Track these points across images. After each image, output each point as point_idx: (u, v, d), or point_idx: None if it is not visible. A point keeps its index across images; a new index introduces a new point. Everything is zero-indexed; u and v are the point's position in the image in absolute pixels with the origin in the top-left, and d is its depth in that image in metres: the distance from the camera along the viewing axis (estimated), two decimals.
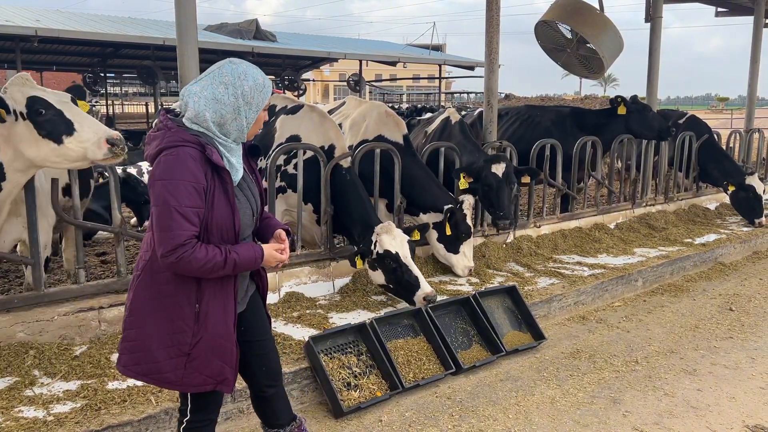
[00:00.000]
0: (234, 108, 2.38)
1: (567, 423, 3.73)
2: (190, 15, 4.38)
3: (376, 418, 3.77)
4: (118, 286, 4.31)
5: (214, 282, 2.40)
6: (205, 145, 2.35)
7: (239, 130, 2.42)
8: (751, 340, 5.06)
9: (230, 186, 2.39)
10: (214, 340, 2.42)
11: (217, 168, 2.35)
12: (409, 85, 59.15)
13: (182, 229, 2.26)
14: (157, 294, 2.40)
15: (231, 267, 2.34)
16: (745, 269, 7.16)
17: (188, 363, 2.41)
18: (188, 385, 2.46)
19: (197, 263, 2.27)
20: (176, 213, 2.25)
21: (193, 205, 2.28)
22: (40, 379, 3.58)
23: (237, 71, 2.40)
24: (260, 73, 2.45)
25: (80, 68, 25.47)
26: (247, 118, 2.42)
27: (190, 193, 2.27)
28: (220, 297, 2.42)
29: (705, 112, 34.12)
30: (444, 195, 5.66)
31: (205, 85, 2.39)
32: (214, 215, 2.35)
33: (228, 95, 2.37)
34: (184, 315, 2.39)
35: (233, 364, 2.50)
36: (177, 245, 2.25)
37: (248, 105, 2.40)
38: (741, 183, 8.27)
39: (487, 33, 6.53)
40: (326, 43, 25.36)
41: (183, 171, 2.27)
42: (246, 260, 2.39)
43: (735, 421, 3.78)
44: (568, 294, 5.57)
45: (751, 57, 11.19)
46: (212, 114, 2.36)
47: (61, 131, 3.31)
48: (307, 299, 4.96)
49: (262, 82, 2.43)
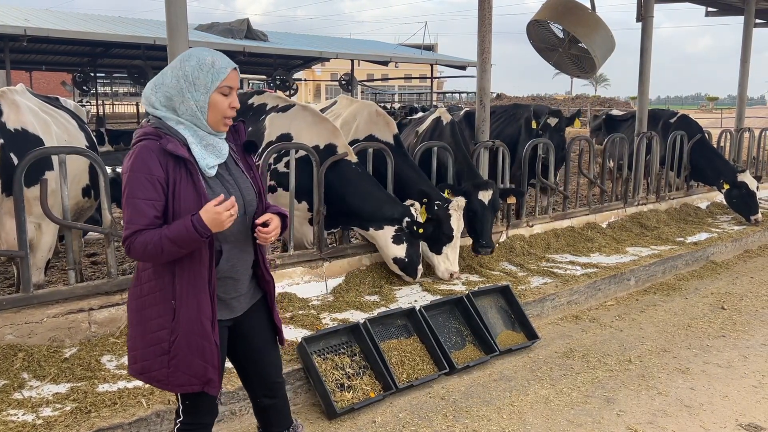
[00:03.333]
0: (178, 90, 2.33)
1: (561, 422, 3.73)
2: (181, 14, 4.34)
3: (369, 419, 3.75)
4: (109, 287, 4.26)
5: (187, 277, 2.35)
6: (163, 135, 2.32)
7: (191, 114, 2.34)
8: (743, 338, 5.08)
9: (197, 175, 2.32)
10: (190, 337, 2.37)
11: (182, 159, 2.30)
12: (400, 84, 59.17)
13: (132, 222, 2.26)
14: (141, 292, 2.43)
15: (167, 243, 2.24)
16: (737, 268, 7.19)
17: (170, 361, 2.39)
18: (174, 384, 2.43)
19: (140, 248, 2.26)
20: (131, 206, 2.27)
21: (146, 197, 2.26)
22: (29, 381, 3.54)
23: (183, 55, 2.37)
24: (211, 54, 2.36)
25: (70, 68, 25.32)
26: (196, 101, 2.33)
27: (143, 186, 2.26)
28: (193, 293, 2.36)
29: (695, 112, 34.33)
30: (436, 195, 5.61)
31: (159, 73, 2.39)
32: (180, 207, 2.30)
33: (170, 77, 2.34)
34: (162, 311, 2.38)
35: (216, 364, 2.43)
36: (127, 236, 2.27)
37: (193, 85, 2.33)
38: (734, 180, 8.30)
39: (479, 32, 6.52)
40: (318, 43, 25.33)
41: (139, 164, 2.27)
42: (177, 231, 2.23)
43: (728, 420, 3.79)
44: (561, 293, 5.57)
45: (742, 57, 11.25)
46: (159, 97, 2.35)
47: None
48: (300, 300, 4.93)
49: (209, 62, 2.34)
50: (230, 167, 2.49)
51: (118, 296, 4.26)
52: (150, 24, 21.98)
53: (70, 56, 23.03)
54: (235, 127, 2.59)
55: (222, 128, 2.42)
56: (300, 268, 5.12)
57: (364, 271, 5.45)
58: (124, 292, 4.29)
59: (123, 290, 4.29)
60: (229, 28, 21.52)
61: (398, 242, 5.18)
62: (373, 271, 5.47)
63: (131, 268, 6.27)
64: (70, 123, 4.85)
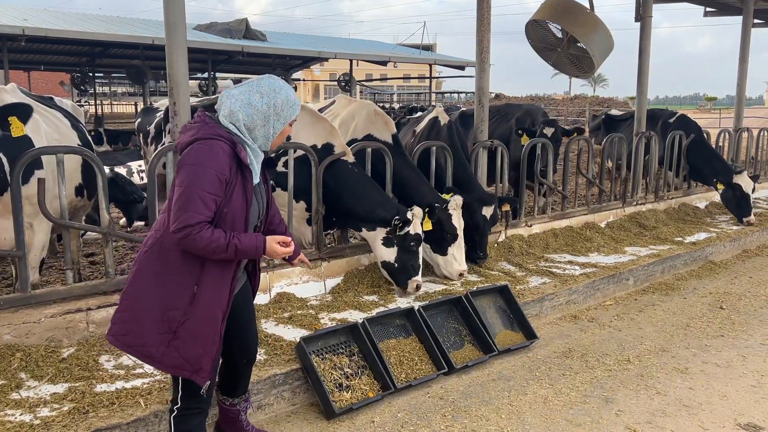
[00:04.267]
0: (264, 116, 2.63)
1: (560, 422, 3.72)
2: (179, 14, 4.33)
3: (368, 419, 3.75)
4: (107, 287, 4.25)
5: (216, 270, 2.58)
6: (236, 142, 2.59)
7: (265, 137, 2.67)
8: (742, 338, 5.08)
9: (250, 183, 2.63)
10: (200, 324, 2.56)
11: (242, 165, 2.59)
12: (399, 84, 59.16)
13: (197, 212, 2.47)
14: (163, 270, 2.57)
15: (233, 251, 2.52)
16: (735, 267, 7.19)
17: (172, 341, 2.55)
18: (167, 364, 2.58)
19: (202, 242, 2.47)
20: (196, 196, 2.47)
21: (212, 192, 2.49)
22: (26, 382, 3.53)
23: (273, 85, 2.67)
24: (293, 92, 2.72)
25: (68, 68, 25.30)
26: (274, 128, 2.67)
27: (213, 181, 2.49)
28: (217, 286, 2.59)
29: (693, 112, 34.33)
30: (433, 194, 5.61)
31: (244, 91, 2.65)
32: (230, 206, 2.57)
33: (261, 103, 2.63)
34: (181, 293, 2.55)
35: (212, 355, 2.62)
36: (188, 224, 2.46)
37: (277, 116, 2.66)
38: (729, 181, 8.31)
39: (478, 32, 6.52)
40: (317, 43, 25.32)
41: (212, 160, 2.49)
42: (247, 247, 2.57)
43: (727, 420, 3.79)
44: (560, 293, 5.56)
45: (740, 57, 11.25)
46: (244, 116, 2.62)
47: None
48: (299, 300, 4.93)
49: (293, 99, 2.70)
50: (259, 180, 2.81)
51: (116, 296, 4.25)
52: (148, 24, 21.96)
53: (69, 56, 23.01)
54: None
55: (271, 147, 2.74)
56: (299, 268, 5.11)
57: (363, 271, 5.44)
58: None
59: (121, 290, 4.27)
60: (227, 28, 21.49)
61: (388, 245, 5.03)
62: (371, 271, 5.46)
63: (129, 268, 6.26)
64: (62, 122, 4.82)
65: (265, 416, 3.72)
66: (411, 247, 4.98)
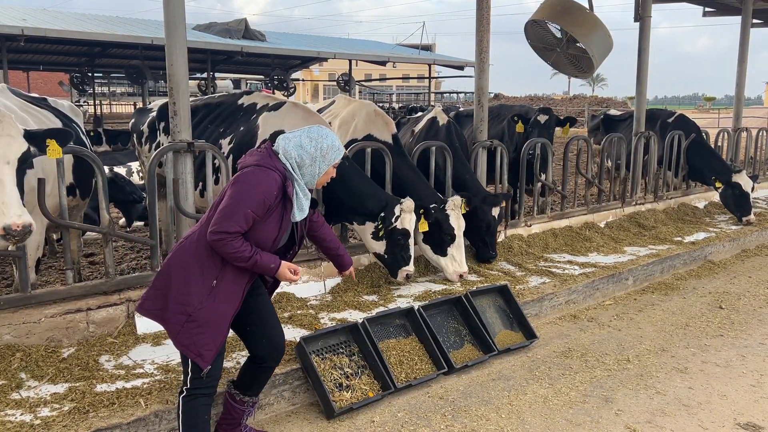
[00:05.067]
0: (312, 157, 3.04)
1: (560, 422, 3.73)
2: (179, 14, 4.34)
3: (368, 418, 3.75)
4: (107, 287, 4.25)
5: (233, 270, 2.94)
6: (288, 177, 3.00)
7: (312, 175, 3.07)
8: (741, 337, 5.09)
9: (287, 214, 3.02)
10: (212, 316, 2.91)
11: (286, 197, 2.99)
12: (398, 84, 59.18)
13: (237, 223, 2.86)
14: (193, 260, 2.93)
15: (252, 263, 2.92)
16: (735, 267, 7.20)
17: (186, 323, 2.89)
18: (180, 342, 2.91)
19: (231, 249, 2.86)
20: (241, 210, 2.86)
21: (255, 212, 2.88)
22: (27, 382, 3.53)
23: (321, 132, 3.10)
24: (337, 140, 3.15)
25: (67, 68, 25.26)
26: (320, 168, 3.07)
27: (259, 203, 2.88)
28: (233, 282, 2.96)
29: (692, 112, 34.35)
30: (432, 195, 5.61)
31: (297, 135, 3.07)
32: (263, 229, 2.96)
33: (311, 146, 3.04)
34: (202, 284, 2.91)
35: (217, 344, 2.94)
36: (226, 231, 2.85)
37: (323, 158, 3.06)
38: (728, 180, 8.32)
39: (477, 32, 6.52)
40: (316, 43, 25.31)
41: (264, 186, 2.90)
42: (264, 264, 2.96)
43: (726, 419, 3.79)
44: (560, 293, 5.57)
45: (739, 57, 11.26)
46: (296, 155, 3.02)
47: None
48: (298, 299, 4.93)
49: (338, 146, 3.12)
50: None
51: (116, 296, 4.26)
52: (148, 24, 21.96)
53: (68, 56, 22.98)
54: None
55: (313, 187, 3.14)
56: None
57: (363, 271, 5.45)
58: (122, 291, 4.29)
59: (121, 290, 4.29)
60: (227, 28, 21.50)
61: (377, 238, 5.13)
62: (371, 271, 5.47)
63: (129, 268, 6.26)
64: (52, 122, 4.80)
65: (266, 416, 3.72)
66: (399, 241, 5.10)
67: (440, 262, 5.52)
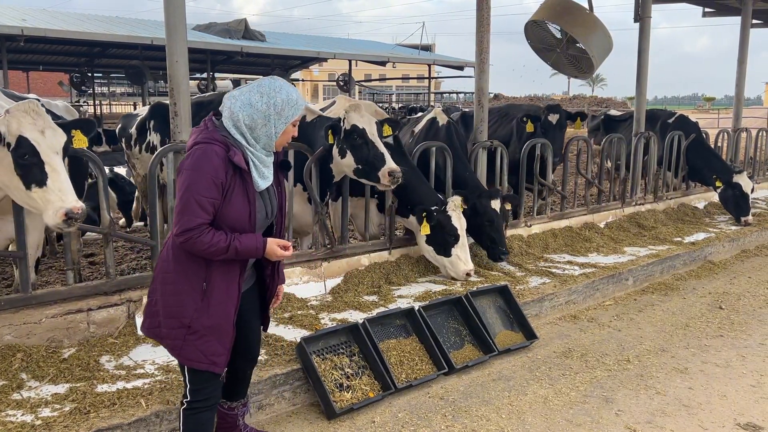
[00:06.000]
0: (265, 115, 2.64)
1: (560, 422, 3.73)
2: (180, 15, 4.34)
3: (368, 419, 3.75)
4: (107, 287, 4.25)
5: (221, 266, 2.67)
6: (231, 146, 2.61)
7: (268, 137, 2.67)
8: (741, 338, 5.09)
9: (250, 186, 2.65)
10: (213, 319, 2.68)
11: (239, 169, 2.61)
12: (398, 84, 59.18)
13: (195, 215, 2.54)
14: (175, 268, 2.68)
15: (234, 252, 2.61)
16: (734, 267, 7.20)
17: (187, 335, 2.67)
18: (185, 357, 2.71)
19: (202, 245, 2.56)
20: (193, 200, 2.54)
21: (209, 196, 2.55)
22: (27, 382, 3.53)
23: (274, 85, 2.68)
24: (295, 92, 2.72)
25: (67, 68, 25.27)
26: (276, 128, 2.67)
27: (208, 185, 2.54)
28: (225, 280, 2.69)
29: (692, 112, 34.33)
30: (433, 196, 5.62)
31: (245, 91, 2.69)
32: (229, 210, 2.62)
33: (261, 103, 2.64)
34: (192, 290, 2.66)
35: (228, 346, 2.75)
36: (187, 228, 2.55)
37: (278, 115, 2.66)
38: (728, 180, 8.32)
39: (477, 32, 6.52)
40: (316, 43, 25.32)
41: (206, 164, 2.55)
42: (247, 248, 2.64)
43: (726, 419, 3.80)
44: (560, 293, 5.57)
45: (739, 57, 11.26)
46: (245, 116, 2.63)
47: (32, 180, 3.30)
48: (299, 300, 4.93)
49: (295, 98, 2.69)
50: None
51: (116, 296, 4.26)
52: (147, 24, 21.96)
53: (68, 56, 22.99)
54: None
55: (277, 148, 2.75)
56: (299, 268, 5.12)
57: (363, 272, 5.45)
58: (122, 292, 4.28)
59: (122, 290, 4.29)
60: (226, 29, 21.50)
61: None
62: (371, 272, 5.47)
63: (129, 268, 6.26)
64: None
65: (266, 416, 3.72)
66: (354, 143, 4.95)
67: (445, 263, 5.54)
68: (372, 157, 4.84)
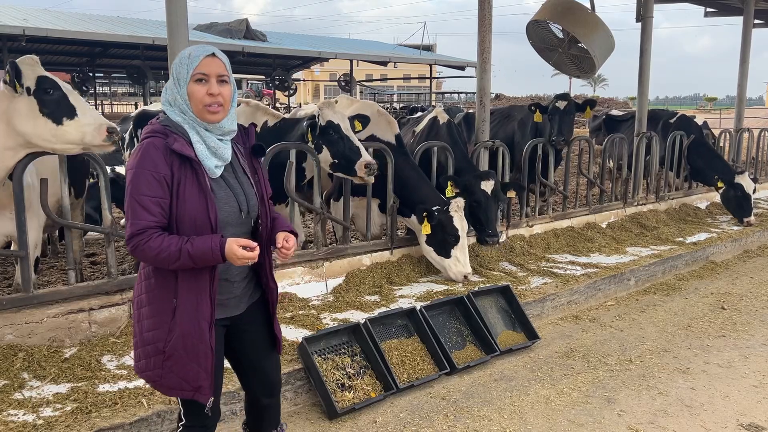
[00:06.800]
0: (172, 87, 2.37)
1: (562, 422, 3.73)
2: (181, 14, 4.34)
3: (370, 419, 3.75)
4: (109, 287, 4.25)
5: (188, 277, 2.31)
6: (170, 133, 2.31)
7: (181, 109, 2.34)
8: (743, 338, 5.08)
9: (202, 174, 2.30)
10: (186, 338, 2.33)
11: (186, 157, 2.28)
12: (399, 85, 59.18)
13: (139, 218, 2.24)
14: (144, 288, 2.40)
15: (186, 258, 2.23)
16: (736, 268, 7.19)
17: (164, 362, 2.35)
18: (166, 386, 2.40)
19: (151, 252, 2.23)
20: (135, 202, 2.24)
21: (151, 194, 2.24)
22: (29, 382, 3.53)
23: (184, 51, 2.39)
24: (194, 48, 2.37)
25: (69, 68, 25.25)
26: (181, 95, 2.33)
27: (149, 183, 2.24)
28: (193, 293, 2.32)
29: (694, 112, 34.28)
30: (435, 196, 5.61)
31: None
32: (185, 207, 2.28)
33: (173, 71, 2.39)
34: (163, 309, 2.34)
35: (208, 369, 2.38)
36: (133, 233, 2.24)
37: (178, 81, 2.35)
38: (730, 181, 8.31)
39: (479, 32, 6.51)
40: (317, 43, 25.32)
41: (145, 160, 2.26)
42: (200, 251, 2.23)
43: (729, 420, 3.79)
44: (561, 293, 5.57)
45: (741, 57, 11.25)
46: (167, 96, 2.38)
47: (63, 113, 3.48)
48: (300, 300, 4.93)
49: (186, 54, 2.34)
50: (236, 170, 2.47)
51: (118, 296, 4.26)
52: (149, 24, 21.98)
53: (69, 56, 22.99)
54: (246, 130, 2.57)
55: (208, 117, 2.33)
56: (300, 268, 5.12)
57: (365, 271, 5.44)
58: (124, 291, 4.28)
59: (123, 290, 4.29)
60: (228, 29, 21.53)
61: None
62: (373, 271, 5.46)
63: (131, 268, 6.26)
64: None
65: None
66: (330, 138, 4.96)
67: (444, 264, 5.52)
68: (348, 151, 4.86)
